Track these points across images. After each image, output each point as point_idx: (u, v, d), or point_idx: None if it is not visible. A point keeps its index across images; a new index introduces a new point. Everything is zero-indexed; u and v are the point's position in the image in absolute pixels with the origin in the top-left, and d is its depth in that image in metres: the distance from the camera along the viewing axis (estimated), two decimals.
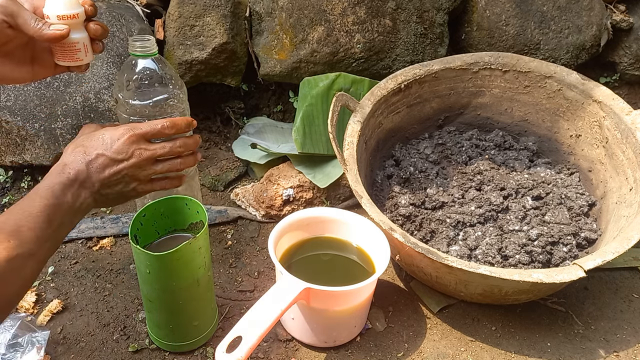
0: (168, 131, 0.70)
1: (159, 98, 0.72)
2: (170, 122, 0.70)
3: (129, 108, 0.72)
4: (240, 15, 1.21)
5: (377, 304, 0.94)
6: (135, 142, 0.67)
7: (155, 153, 0.69)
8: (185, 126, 0.72)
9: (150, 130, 0.69)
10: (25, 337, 0.83)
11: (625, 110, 1.01)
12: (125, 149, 0.66)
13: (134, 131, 0.68)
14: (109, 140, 0.66)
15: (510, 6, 1.27)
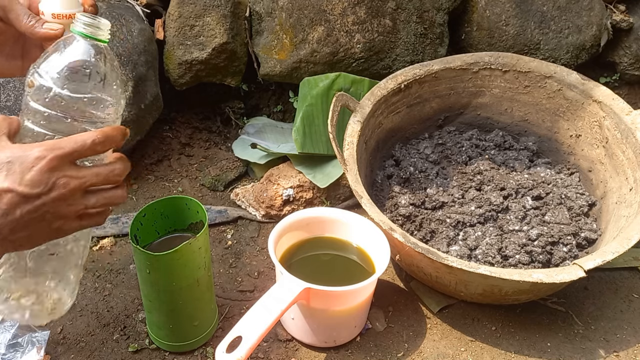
0: (100, 147, 0.51)
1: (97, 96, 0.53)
2: (101, 134, 0.51)
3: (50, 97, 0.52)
4: (240, 15, 1.21)
5: (377, 304, 0.94)
6: (58, 168, 0.48)
7: (85, 183, 0.50)
8: (120, 139, 0.54)
9: (77, 149, 0.49)
10: (25, 337, 0.83)
11: (625, 110, 1.01)
12: (43, 179, 0.47)
13: (54, 152, 0.48)
14: (19, 168, 0.47)
15: (510, 6, 1.27)
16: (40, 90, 0.52)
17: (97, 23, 0.54)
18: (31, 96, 0.53)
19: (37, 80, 0.52)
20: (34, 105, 0.52)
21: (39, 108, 0.52)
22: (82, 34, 0.53)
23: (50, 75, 0.52)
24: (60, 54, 0.53)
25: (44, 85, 0.51)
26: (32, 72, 0.52)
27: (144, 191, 1.19)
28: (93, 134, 0.51)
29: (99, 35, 0.54)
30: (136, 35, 1.14)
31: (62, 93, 0.52)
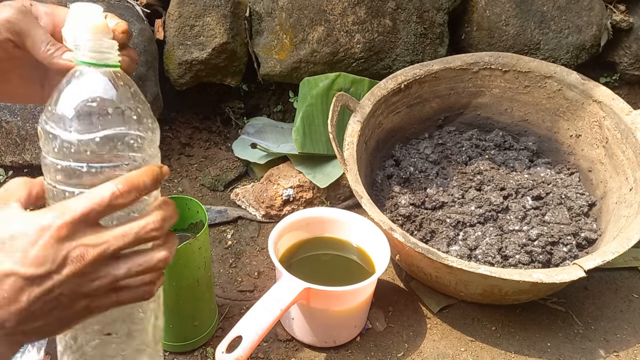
0: (124, 200, 0.41)
1: (111, 132, 0.43)
2: (124, 184, 0.40)
3: (59, 145, 0.42)
4: (240, 15, 1.21)
5: (377, 304, 0.94)
6: (69, 238, 0.39)
7: (108, 249, 0.40)
8: (152, 184, 0.42)
9: (93, 208, 0.39)
10: None
11: (625, 110, 1.01)
12: (50, 255, 0.38)
13: (63, 218, 0.39)
14: (21, 243, 0.38)
15: (510, 6, 1.27)
16: (48, 139, 0.43)
17: (101, 45, 0.43)
18: (42, 148, 0.44)
19: (43, 128, 0.44)
20: (46, 159, 0.44)
21: (52, 161, 0.43)
22: (86, 63, 0.43)
23: (54, 119, 0.43)
24: (64, 92, 0.43)
25: (50, 133, 0.43)
26: (40, 121, 0.44)
27: None
28: (112, 185, 0.40)
29: (106, 60, 0.44)
30: (136, 35, 1.14)
31: (71, 138, 0.42)
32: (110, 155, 0.43)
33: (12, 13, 0.47)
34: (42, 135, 0.44)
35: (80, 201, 0.39)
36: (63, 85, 0.44)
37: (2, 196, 0.42)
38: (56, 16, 0.50)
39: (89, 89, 0.43)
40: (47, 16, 0.49)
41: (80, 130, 0.42)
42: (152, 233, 0.42)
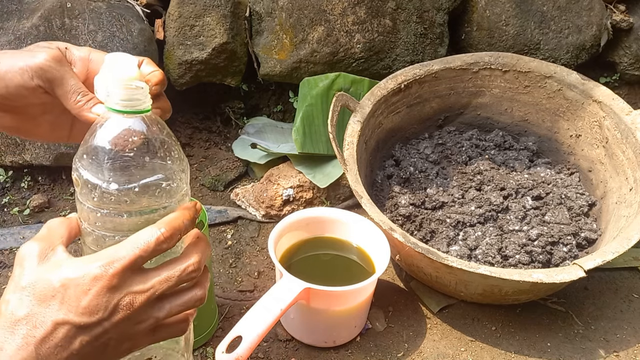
0: (167, 245, 0.42)
1: (149, 180, 0.43)
2: (167, 229, 0.42)
3: (99, 195, 0.43)
4: (240, 15, 1.21)
5: (377, 304, 0.94)
6: (119, 287, 0.40)
7: (154, 294, 0.42)
8: (190, 224, 0.45)
9: (140, 254, 0.41)
10: None
11: (625, 110, 1.01)
12: (102, 303, 0.39)
13: (113, 267, 0.40)
14: (74, 293, 0.39)
15: (510, 6, 1.27)
16: (87, 189, 0.43)
17: (134, 93, 0.42)
18: (79, 195, 0.44)
19: (80, 177, 0.43)
20: (84, 205, 0.44)
21: (91, 208, 0.44)
22: (118, 111, 0.43)
23: (91, 169, 0.43)
24: (97, 141, 0.43)
25: (89, 182, 0.43)
26: (75, 168, 0.44)
27: None
28: (156, 230, 0.41)
29: (138, 107, 0.43)
30: (136, 35, 1.14)
31: (110, 188, 0.42)
32: (148, 202, 0.44)
33: (46, 60, 0.46)
34: (80, 184, 0.44)
35: (127, 249, 0.40)
36: (97, 134, 0.43)
37: (45, 238, 0.43)
38: (91, 62, 0.50)
39: (125, 138, 0.43)
40: (82, 62, 0.49)
41: (120, 181, 0.43)
42: (192, 274, 0.43)
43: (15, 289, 0.40)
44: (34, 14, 1.11)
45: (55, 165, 1.14)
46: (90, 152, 0.43)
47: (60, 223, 0.44)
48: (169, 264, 0.43)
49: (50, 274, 0.40)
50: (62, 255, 0.42)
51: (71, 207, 1.14)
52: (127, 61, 0.44)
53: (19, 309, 0.39)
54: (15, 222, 1.10)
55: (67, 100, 0.47)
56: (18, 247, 1.04)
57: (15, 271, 0.41)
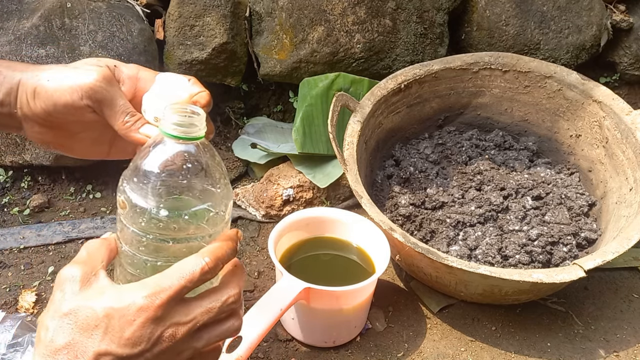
0: (211, 275, 0.41)
1: (199, 207, 0.42)
2: (211, 259, 0.41)
3: (146, 220, 0.41)
4: (240, 15, 1.21)
5: (377, 304, 0.94)
6: (163, 318, 0.39)
7: (195, 325, 0.41)
8: (233, 253, 0.43)
9: (185, 285, 0.40)
10: (25, 337, 0.83)
11: (625, 110, 1.01)
12: (146, 335, 0.38)
13: (159, 298, 0.39)
14: (118, 323, 0.38)
15: (510, 6, 1.27)
16: (135, 213, 0.42)
17: (191, 119, 0.41)
18: (124, 218, 0.43)
19: (128, 200, 0.42)
20: (129, 228, 0.42)
21: (136, 232, 0.42)
22: (174, 137, 0.41)
23: (141, 193, 0.41)
24: (150, 165, 0.42)
25: (137, 206, 0.41)
26: (122, 189, 0.42)
27: None
28: (201, 260, 0.40)
29: (193, 133, 0.41)
30: (136, 35, 1.14)
31: (160, 214, 0.41)
32: (195, 229, 0.43)
33: (96, 80, 0.45)
34: (127, 207, 0.42)
35: (172, 278, 0.39)
36: (149, 158, 0.42)
37: (87, 262, 0.42)
38: (139, 80, 0.49)
39: (178, 164, 0.42)
40: (130, 80, 0.48)
41: (170, 207, 0.41)
42: (232, 306, 0.43)
43: (55, 314, 0.39)
44: (34, 14, 1.11)
45: (55, 165, 1.14)
46: (140, 176, 0.42)
47: (100, 245, 0.43)
48: (209, 294, 0.42)
49: (94, 302, 0.38)
50: (104, 281, 0.41)
51: (71, 207, 1.14)
52: (180, 83, 0.44)
53: (59, 337, 0.38)
54: (15, 222, 1.10)
55: (114, 120, 0.47)
56: (18, 247, 1.04)
57: (56, 295, 0.40)
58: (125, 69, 0.49)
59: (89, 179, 1.19)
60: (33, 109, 0.47)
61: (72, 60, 1.09)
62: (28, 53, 1.08)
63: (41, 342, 0.38)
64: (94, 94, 0.46)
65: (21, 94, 0.47)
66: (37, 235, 1.06)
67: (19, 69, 0.47)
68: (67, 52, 1.09)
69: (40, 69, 0.47)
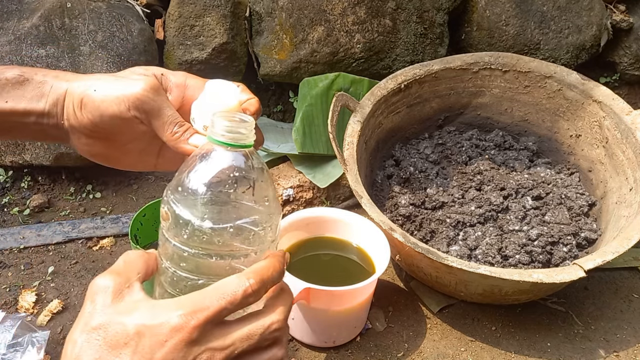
0: (254, 298, 0.38)
1: (245, 220, 0.39)
2: (256, 280, 0.38)
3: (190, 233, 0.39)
4: (240, 15, 1.21)
5: (377, 304, 0.94)
6: (200, 340, 0.36)
7: (234, 352, 0.37)
8: (279, 276, 0.41)
9: (225, 306, 0.36)
10: (25, 337, 0.83)
11: (625, 110, 1.01)
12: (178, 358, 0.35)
13: (196, 318, 0.35)
14: (149, 343, 0.35)
15: (510, 6, 1.27)
16: (177, 225, 0.39)
17: (239, 125, 0.39)
18: (166, 231, 0.40)
19: (171, 210, 0.39)
20: (170, 242, 0.40)
21: (178, 246, 0.39)
22: (223, 143, 0.39)
23: (185, 204, 0.39)
24: (195, 173, 0.39)
25: (181, 217, 0.39)
26: (166, 200, 0.40)
27: (144, 191, 1.19)
28: (244, 281, 0.37)
29: (242, 140, 0.39)
30: (136, 35, 1.14)
31: (203, 226, 0.38)
32: (240, 245, 0.40)
33: (144, 90, 0.44)
34: (170, 218, 0.39)
35: (212, 298, 0.36)
36: (196, 167, 0.40)
37: (122, 272, 0.38)
38: (187, 88, 0.48)
39: (225, 173, 0.39)
40: (178, 89, 0.47)
41: (215, 219, 0.38)
42: (275, 333, 0.39)
43: (84, 328, 0.36)
44: (34, 14, 1.11)
45: (55, 165, 1.14)
46: (185, 186, 0.39)
47: (139, 257, 0.40)
48: (251, 318, 0.38)
49: (125, 317, 0.35)
50: (138, 294, 0.37)
51: (71, 207, 1.14)
52: (229, 90, 0.43)
53: (86, 354, 0.35)
54: (15, 222, 1.10)
55: (163, 131, 0.45)
56: (18, 247, 1.04)
57: (86, 307, 0.37)
58: (172, 77, 0.47)
59: (89, 179, 1.19)
60: (80, 120, 0.45)
61: (72, 59, 1.09)
62: (28, 53, 1.08)
63: (67, 357, 0.35)
64: (141, 105, 0.44)
65: (68, 104, 0.45)
66: (37, 235, 1.06)
67: (66, 79, 0.46)
68: (67, 52, 1.09)
69: (87, 78, 0.46)
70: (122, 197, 1.17)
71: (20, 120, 0.46)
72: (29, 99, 0.45)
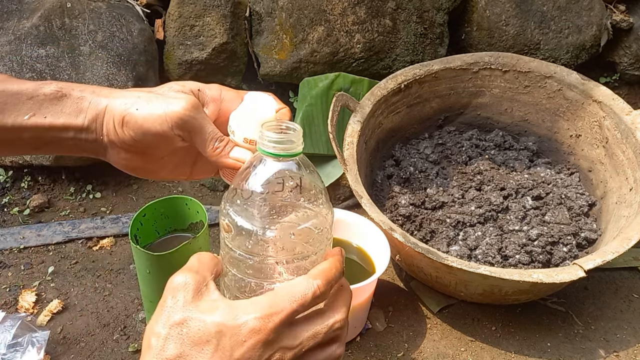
0: (322, 299, 0.41)
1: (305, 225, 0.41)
2: (322, 282, 0.40)
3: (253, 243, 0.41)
4: (240, 15, 1.21)
5: (377, 304, 0.94)
6: (274, 341, 0.38)
7: (301, 350, 0.40)
8: (340, 274, 0.43)
9: (297, 309, 0.39)
10: (25, 337, 0.83)
11: (625, 110, 1.01)
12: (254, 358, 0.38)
13: (272, 320, 0.38)
14: (229, 342, 0.38)
15: (510, 6, 1.27)
16: (241, 236, 0.41)
17: (288, 135, 0.40)
18: (230, 242, 0.41)
19: (233, 223, 0.41)
20: (235, 252, 0.41)
21: (243, 255, 0.41)
22: (274, 155, 0.40)
23: (246, 215, 0.40)
24: (252, 185, 0.41)
25: (244, 228, 0.40)
26: (225, 213, 0.41)
27: (144, 191, 1.19)
28: (312, 282, 0.39)
29: (292, 150, 0.40)
30: (136, 35, 1.14)
31: (266, 235, 0.40)
32: (302, 248, 0.41)
33: (185, 109, 0.45)
34: (233, 231, 0.41)
35: (285, 301, 0.38)
36: (251, 179, 0.41)
37: (198, 270, 0.41)
38: (223, 102, 0.49)
39: (280, 183, 0.41)
40: (214, 103, 0.48)
41: (277, 227, 0.40)
42: (337, 332, 0.41)
43: (167, 322, 0.38)
44: (34, 14, 1.11)
45: (55, 165, 1.14)
46: (244, 197, 0.41)
47: (211, 258, 0.42)
48: (316, 318, 0.41)
49: (206, 316, 0.38)
50: (215, 294, 0.40)
51: (71, 207, 1.14)
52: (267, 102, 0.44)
53: (170, 347, 0.37)
54: (15, 222, 1.10)
55: (204, 148, 0.46)
56: (18, 247, 1.04)
57: (167, 302, 0.39)
58: (208, 91, 0.48)
59: (89, 179, 1.19)
60: (121, 137, 0.46)
61: (72, 59, 1.09)
62: (28, 53, 1.08)
63: (151, 349, 0.38)
64: (184, 125, 0.45)
65: (108, 120, 0.46)
66: (37, 235, 1.06)
67: (104, 94, 0.47)
68: (67, 52, 1.09)
69: (128, 95, 0.47)
70: (122, 197, 1.17)
71: (58, 135, 0.47)
72: (68, 114, 0.46)
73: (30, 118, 0.46)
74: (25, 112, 0.46)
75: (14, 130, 0.46)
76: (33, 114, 0.46)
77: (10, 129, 0.46)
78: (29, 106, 0.46)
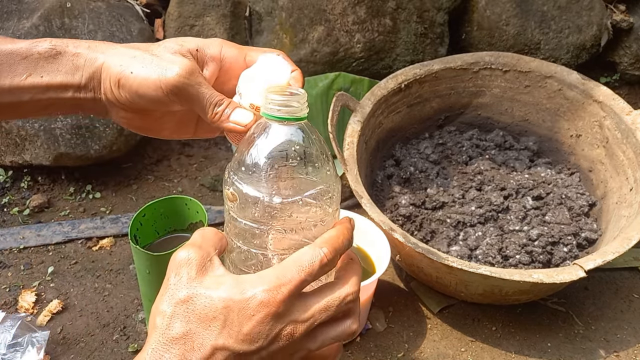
0: (329, 267, 0.39)
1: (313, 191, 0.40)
2: (329, 250, 0.38)
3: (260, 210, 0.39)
4: (240, 15, 1.21)
5: (377, 304, 0.94)
6: (284, 314, 0.37)
7: (313, 324, 0.38)
8: (349, 243, 0.41)
9: (305, 278, 0.37)
10: (25, 337, 0.83)
11: (626, 110, 1.01)
12: (265, 331, 0.36)
13: (280, 292, 0.36)
14: (237, 318, 0.36)
15: (511, 6, 1.27)
16: (246, 204, 0.39)
17: (293, 98, 0.39)
18: (236, 212, 0.40)
19: (238, 190, 0.39)
20: (241, 222, 0.40)
21: (249, 224, 0.40)
22: (279, 118, 0.39)
23: (251, 182, 0.39)
24: (258, 151, 0.40)
25: (249, 195, 0.39)
26: (230, 182, 0.40)
27: (143, 191, 1.19)
28: (318, 251, 0.38)
29: (297, 113, 0.40)
30: (136, 35, 1.14)
31: (274, 201, 0.39)
32: (309, 216, 0.40)
33: (179, 76, 0.43)
34: (238, 199, 0.39)
35: (292, 271, 0.37)
36: (256, 144, 0.40)
37: (201, 245, 0.39)
38: (223, 60, 0.47)
39: (286, 147, 0.39)
40: (214, 62, 0.47)
41: (284, 194, 0.39)
42: (350, 304, 0.39)
43: (172, 300, 0.37)
44: (33, 13, 1.11)
45: (55, 165, 1.14)
46: (248, 164, 0.40)
47: (214, 233, 0.41)
48: (326, 290, 0.39)
49: (212, 292, 0.36)
50: (220, 269, 0.38)
51: (70, 207, 1.14)
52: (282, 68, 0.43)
53: (176, 325, 0.36)
54: (15, 222, 1.10)
55: (203, 114, 0.45)
56: (18, 247, 1.04)
57: (171, 279, 0.37)
58: (207, 50, 0.47)
59: (88, 179, 1.19)
60: (118, 98, 0.45)
61: None
62: None
63: (157, 328, 0.36)
64: (179, 92, 0.44)
65: (105, 79, 0.45)
66: (37, 235, 1.06)
67: (100, 50, 0.46)
68: None
69: (123, 52, 0.46)
70: (121, 197, 1.17)
71: (57, 96, 0.46)
72: (64, 72, 0.45)
73: (27, 78, 0.45)
74: (21, 72, 0.45)
75: (13, 91, 0.45)
76: (29, 73, 0.45)
77: (8, 90, 0.45)
78: (24, 66, 0.45)
